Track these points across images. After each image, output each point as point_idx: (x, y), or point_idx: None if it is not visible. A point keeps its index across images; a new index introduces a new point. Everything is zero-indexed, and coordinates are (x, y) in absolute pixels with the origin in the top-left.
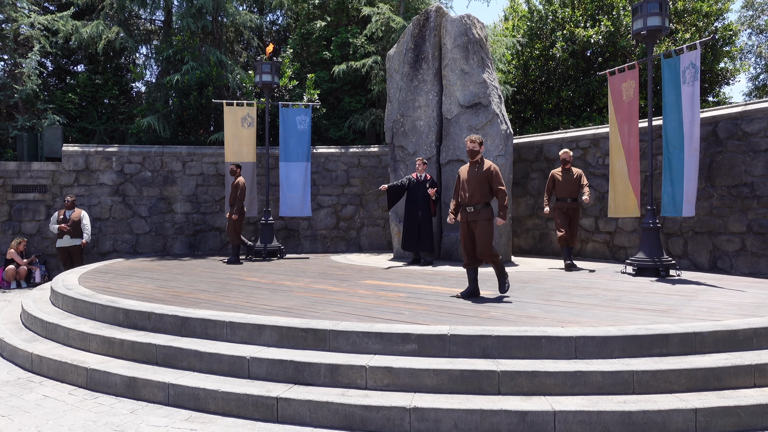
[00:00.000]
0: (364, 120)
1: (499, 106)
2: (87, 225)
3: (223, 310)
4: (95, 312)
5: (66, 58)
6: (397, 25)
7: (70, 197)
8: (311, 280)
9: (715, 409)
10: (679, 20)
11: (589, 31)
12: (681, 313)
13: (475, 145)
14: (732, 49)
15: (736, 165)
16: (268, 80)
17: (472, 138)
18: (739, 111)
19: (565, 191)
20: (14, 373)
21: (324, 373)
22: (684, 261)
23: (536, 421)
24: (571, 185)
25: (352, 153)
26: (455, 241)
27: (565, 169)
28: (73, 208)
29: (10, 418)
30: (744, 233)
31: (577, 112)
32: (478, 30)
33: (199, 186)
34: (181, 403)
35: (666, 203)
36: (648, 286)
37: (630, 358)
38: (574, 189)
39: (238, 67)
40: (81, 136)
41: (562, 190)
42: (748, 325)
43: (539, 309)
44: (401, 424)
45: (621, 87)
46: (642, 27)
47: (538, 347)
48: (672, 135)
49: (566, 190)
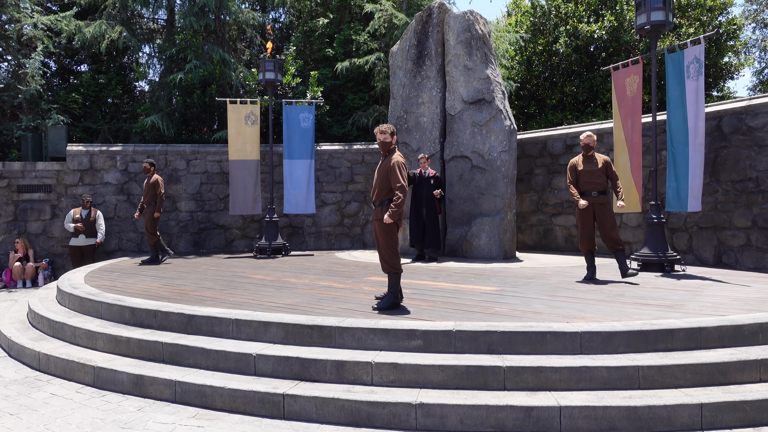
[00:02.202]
0: (368, 117)
1: (503, 102)
2: (102, 225)
3: (228, 308)
4: (101, 310)
5: (69, 58)
6: (399, 22)
7: (87, 197)
8: (316, 277)
9: (720, 404)
10: (683, 15)
11: (593, 26)
12: (686, 309)
13: (386, 136)
14: (736, 43)
15: (741, 160)
16: (271, 78)
17: (381, 129)
18: (743, 105)
19: (589, 183)
20: (22, 372)
21: (330, 370)
22: (689, 256)
23: (542, 416)
24: (596, 176)
25: (356, 150)
26: (460, 237)
27: (587, 156)
28: (89, 208)
29: (19, 417)
30: (749, 228)
31: (580, 108)
32: (481, 26)
33: (204, 184)
34: (187, 400)
35: (671, 198)
36: (653, 281)
37: (635, 353)
38: (600, 180)
39: (241, 65)
40: (85, 135)
41: (586, 181)
42: (753, 320)
43: (544, 304)
44: (407, 419)
45: (625, 82)
46: (645, 22)
47: (543, 343)
48: (676, 130)
49: (590, 182)
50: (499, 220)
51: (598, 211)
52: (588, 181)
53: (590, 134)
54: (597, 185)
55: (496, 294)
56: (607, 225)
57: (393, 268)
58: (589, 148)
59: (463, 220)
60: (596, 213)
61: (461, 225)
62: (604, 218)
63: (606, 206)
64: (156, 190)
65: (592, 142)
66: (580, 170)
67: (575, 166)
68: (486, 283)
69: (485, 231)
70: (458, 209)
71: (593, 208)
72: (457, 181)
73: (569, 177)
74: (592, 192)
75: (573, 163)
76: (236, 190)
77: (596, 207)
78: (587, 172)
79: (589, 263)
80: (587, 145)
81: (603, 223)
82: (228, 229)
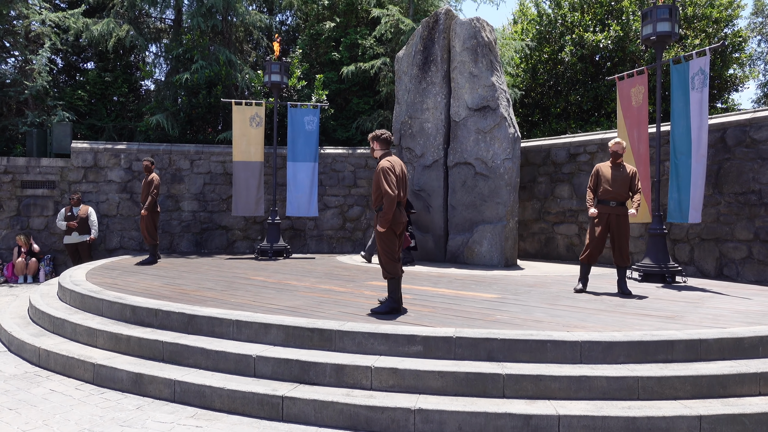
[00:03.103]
0: (372, 121)
1: (507, 109)
2: (94, 221)
3: (229, 309)
4: (102, 308)
5: (76, 55)
6: (406, 27)
7: (75, 194)
8: (317, 280)
9: (719, 416)
10: (688, 26)
11: (599, 35)
12: (687, 320)
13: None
14: (741, 55)
15: (744, 172)
16: (276, 80)
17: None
18: (747, 118)
19: (610, 192)
20: (22, 367)
21: (329, 373)
22: (690, 268)
23: (540, 424)
24: (620, 185)
25: (360, 154)
26: (461, 243)
27: (615, 164)
28: (79, 205)
29: (18, 412)
30: (751, 241)
31: (585, 117)
32: (487, 33)
33: (207, 185)
34: (186, 400)
35: (672, 209)
36: (654, 292)
37: (635, 363)
38: (624, 190)
39: (247, 67)
40: (90, 133)
41: (609, 190)
42: (754, 332)
43: (545, 313)
44: (406, 425)
45: (630, 92)
46: (651, 32)
47: (543, 351)
48: (680, 141)
49: (613, 191)
50: (501, 228)
51: (614, 222)
52: (609, 189)
53: (620, 141)
54: (619, 195)
55: (496, 301)
56: (624, 238)
57: (390, 273)
58: (618, 156)
59: (465, 227)
60: (612, 224)
61: (463, 231)
62: (622, 231)
63: (624, 218)
64: (149, 188)
65: (621, 150)
66: (607, 177)
67: (599, 172)
68: (487, 290)
69: (487, 238)
70: (460, 216)
71: (608, 219)
72: (459, 188)
73: (591, 182)
74: (610, 202)
75: (598, 169)
76: (239, 192)
77: (612, 218)
78: (613, 181)
79: (583, 274)
80: (616, 152)
81: (620, 235)
82: (230, 230)
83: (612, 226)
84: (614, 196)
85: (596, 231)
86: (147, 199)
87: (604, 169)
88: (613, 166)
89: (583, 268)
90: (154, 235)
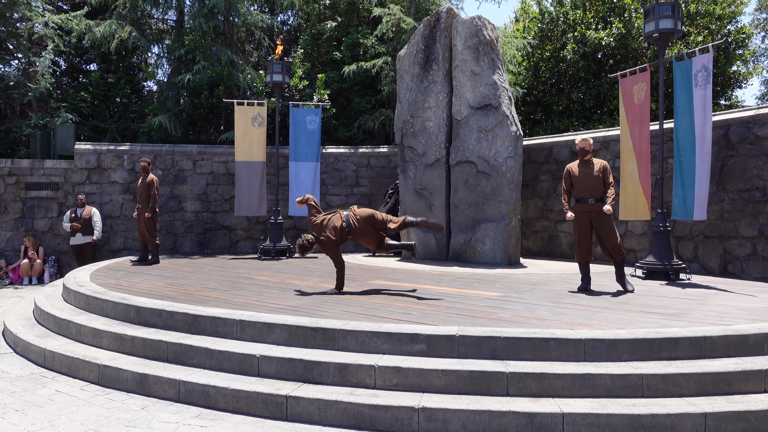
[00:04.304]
0: (374, 120)
1: (509, 107)
2: (98, 222)
3: (233, 309)
4: (107, 309)
5: (79, 57)
6: (407, 26)
7: (81, 196)
8: (320, 280)
9: (724, 413)
10: (691, 23)
11: (601, 33)
12: (691, 317)
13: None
14: (745, 52)
15: (748, 169)
16: (278, 80)
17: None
18: (751, 115)
19: (585, 189)
20: (27, 369)
21: (333, 372)
22: (694, 265)
23: (544, 422)
24: (592, 181)
25: (362, 153)
26: (464, 242)
27: (583, 161)
28: (83, 207)
29: (24, 413)
30: (755, 238)
31: (587, 115)
32: (489, 31)
33: (209, 185)
34: (191, 400)
35: (677, 206)
36: (658, 289)
37: (639, 361)
38: (597, 186)
39: (249, 67)
40: (93, 134)
41: (581, 188)
42: (758, 330)
43: (548, 311)
44: (410, 424)
45: (632, 89)
46: (654, 29)
47: (546, 349)
48: (683, 138)
49: (586, 188)
50: (504, 226)
51: (595, 219)
52: (584, 187)
53: (586, 138)
54: (594, 191)
55: (499, 300)
56: (605, 234)
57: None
58: (585, 153)
59: (468, 225)
60: (593, 221)
61: (465, 230)
62: (602, 226)
63: (603, 213)
64: (150, 189)
65: (588, 146)
66: (576, 176)
67: (570, 172)
68: (490, 288)
69: (489, 236)
70: (463, 214)
71: (590, 216)
72: (462, 186)
73: (564, 184)
74: (588, 199)
75: (568, 169)
76: (242, 192)
77: (593, 215)
78: (583, 178)
79: (583, 274)
80: (583, 149)
81: (603, 231)
82: (233, 230)
83: (594, 223)
84: (590, 193)
85: (580, 231)
86: (146, 200)
87: (574, 168)
88: (582, 163)
89: (581, 269)
90: (155, 234)
